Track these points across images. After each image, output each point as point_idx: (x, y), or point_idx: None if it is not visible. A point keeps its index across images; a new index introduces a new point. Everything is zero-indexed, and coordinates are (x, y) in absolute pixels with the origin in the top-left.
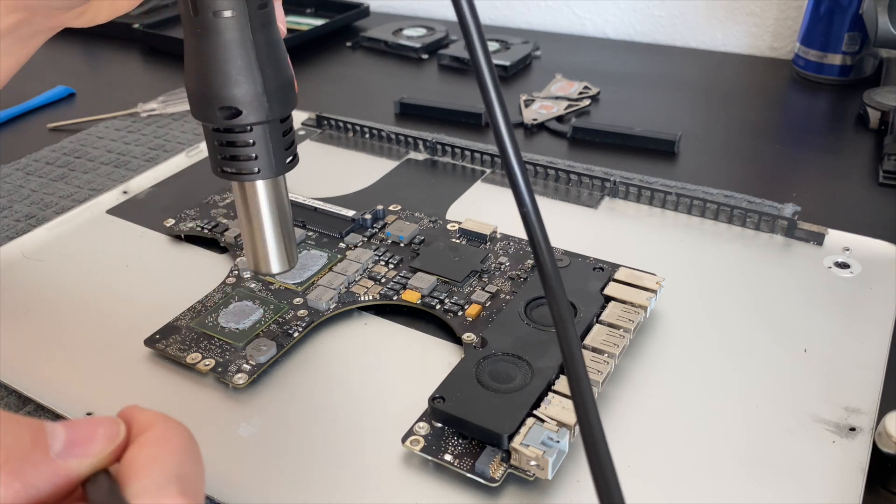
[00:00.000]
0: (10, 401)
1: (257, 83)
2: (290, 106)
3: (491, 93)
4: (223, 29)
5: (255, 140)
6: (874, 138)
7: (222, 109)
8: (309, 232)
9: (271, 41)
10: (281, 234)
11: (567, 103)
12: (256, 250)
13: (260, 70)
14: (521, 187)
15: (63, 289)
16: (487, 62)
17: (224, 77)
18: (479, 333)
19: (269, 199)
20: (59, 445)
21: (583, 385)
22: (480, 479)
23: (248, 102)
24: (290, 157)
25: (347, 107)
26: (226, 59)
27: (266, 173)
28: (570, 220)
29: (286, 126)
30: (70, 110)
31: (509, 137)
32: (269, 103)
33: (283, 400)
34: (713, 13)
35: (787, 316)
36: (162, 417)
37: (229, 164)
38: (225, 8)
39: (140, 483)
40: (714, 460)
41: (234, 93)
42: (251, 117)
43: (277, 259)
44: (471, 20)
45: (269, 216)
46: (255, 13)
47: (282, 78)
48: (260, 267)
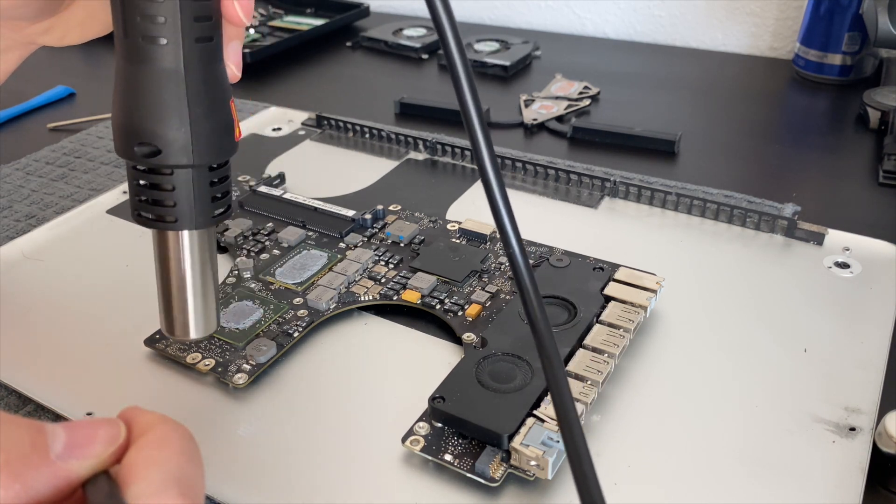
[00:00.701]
0: (10, 401)
1: (183, 122)
2: (222, 153)
3: (479, 138)
4: (152, 57)
5: (174, 185)
6: (874, 138)
7: (141, 146)
8: (309, 232)
9: (209, 79)
10: (201, 293)
11: (567, 103)
12: (172, 311)
13: (189, 108)
14: (509, 231)
15: (63, 289)
16: (476, 108)
17: (147, 110)
18: (479, 333)
19: (189, 252)
20: (60, 447)
21: (570, 416)
22: (480, 479)
23: (169, 142)
24: (220, 210)
25: (347, 107)
26: (151, 91)
27: (184, 224)
28: (570, 220)
29: (217, 175)
30: (70, 110)
31: (495, 176)
32: (195, 147)
33: (283, 400)
34: (713, 13)
35: (787, 316)
36: (162, 419)
37: (146, 208)
38: (157, 34)
39: (140, 485)
40: (714, 460)
41: (156, 129)
42: (172, 159)
43: (194, 322)
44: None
45: (188, 272)
46: (192, 46)
47: (215, 122)
48: (174, 330)
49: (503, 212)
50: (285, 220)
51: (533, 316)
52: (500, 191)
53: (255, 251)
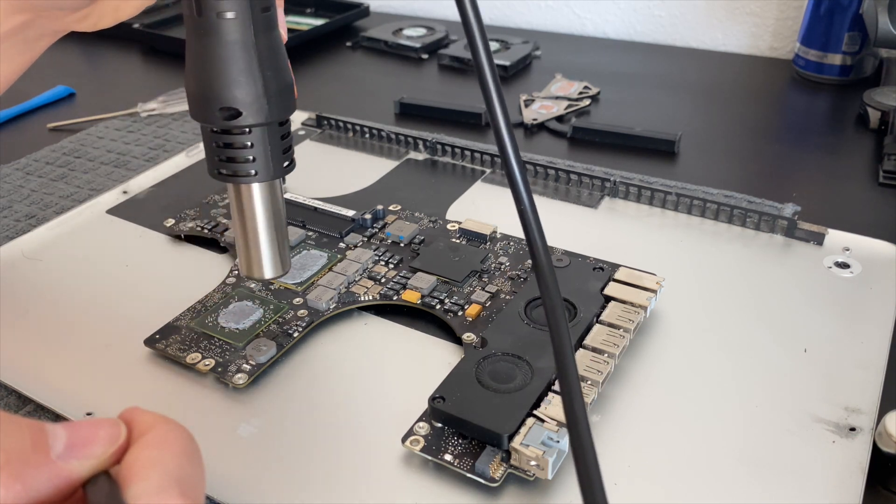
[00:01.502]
0: (10, 401)
1: (258, 85)
2: (289, 109)
3: (492, 93)
4: (226, 30)
5: (253, 142)
6: (874, 138)
7: (222, 110)
8: (309, 232)
9: (273, 45)
10: (275, 238)
11: (567, 103)
12: (250, 254)
13: (261, 72)
14: (520, 185)
15: (63, 289)
16: (489, 60)
17: (225, 78)
18: (479, 333)
19: (264, 202)
20: (60, 447)
21: (571, 379)
22: (480, 479)
23: (248, 104)
24: (288, 162)
25: (347, 107)
26: (227, 61)
27: (263, 176)
28: (570, 220)
29: (284, 130)
30: (70, 110)
31: (509, 137)
32: (269, 106)
33: (283, 400)
34: (713, 13)
35: (787, 316)
36: (163, 419)
37: (226, 166)
38: (228, 9)
39: (140, 485)
40: (714, 460)
41: (235, 94)
42: (250, 119)
43: (270, 263)
44: (472, 14)
45: (263, 220)
46: (258, 16)
47: (282, 81)
48: (252, 271)
49: (516, 169)
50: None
51: (540, 265)
52: (513, 147)
53: None
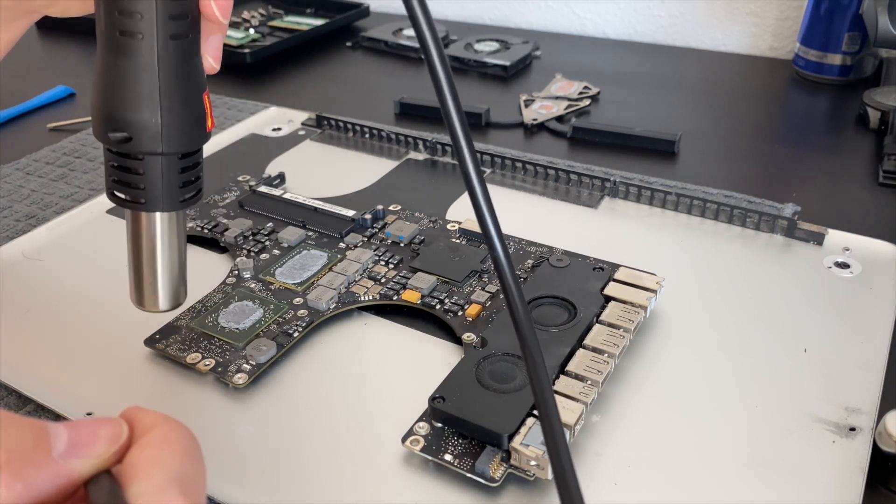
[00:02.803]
0: (10, 401)
1: (154, 113)
2: (192, 143)
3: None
4: (128, 51)
5: (144, 170)
6: (874, 138)
7: (114, 132)
8: (309, 232)
9: (182, 73)
10: (167, 269)
11: (567, 103)
12: (140, 284)
13: (160, 100)
14: (492, 234)
15: (63, 289)
16: (454, 100)
17: (121, 100)
18: (479, 333)
19: (157, 232)
20: (62, 446)
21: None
22: (480, 479)
23: (140, 131)
24: (189, 194)
25: (347, 107)
26: (126, 82)
27: (153, 206)
28: (570, 220)
29: (187, 162)
30: (70, 110)
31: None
32: (165, 136)
33: (283, 400)
34: (713, 13)
35: (787, 316)
36: (164, 419)
37: (118, 188)
38: (133, 29)
39: (141, 484)
40: (714, 460)
41: (128, 118)
42: (142, 146)
43: (162, 295)
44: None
45: (151, 249)
46: (167, 43)
47: (186, 113)
48: (143, 303)
49: (486, 215)
50: (285, 220)
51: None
52: (483, 191)
53: (255, 251)
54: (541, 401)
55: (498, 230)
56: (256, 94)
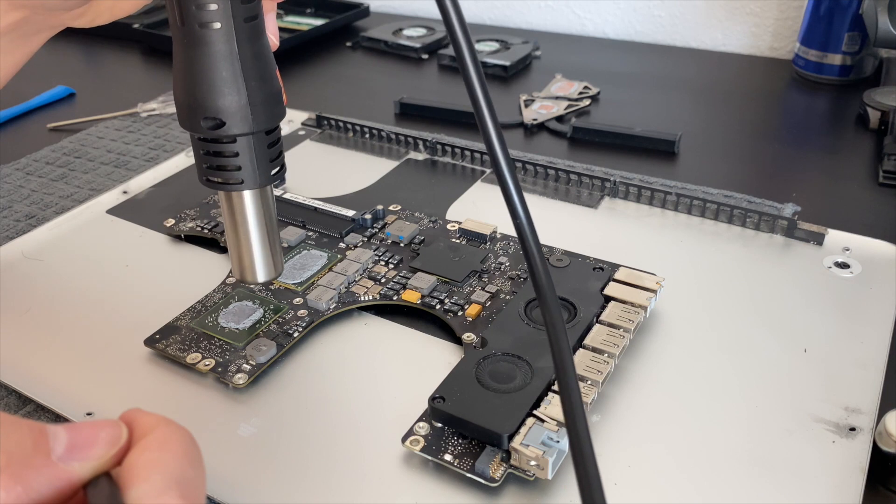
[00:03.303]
0: (10, 401)
1: (241, 95)
2: (275, 118)
3: (484, 111)
4: (209, 40)
5: (238, 151)
6: (874, 138)
7: (206, 120)
8: (309, 232)
9: (258, 53)
10: (266, 243)
11: (567, 103)
12: (242, 259)
13: (245, 82)
14: (515, 199)
15: (63, 289)
16: (476, 69)
17: (208, 88)
18: (479, 333)
19: (252, 209)
20: (61, 449)
21: (570, 381)
22: (480, 479)
23: (231, 114)
24: (276, 169)
25: (347, 107)
26: (210, 71)
27: (250, 184)
28: (570, 220)
29: (272, 138)
30: (70, 110)
31: (501, 147)
32: (253, 115)
33: (283, 400)
34: (713, 13)
35: (787, 316)
36: (164, 421)
37: (214, 174)
38: (211, 20)
39: (141, 487)
40: (714, 460)
41: (218, 104)
42: (235, 129)
43: (262, 267)
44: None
45: (253, 225)
46: (242, 26)
47: (267, 90)
48: (245, 275)
49: (510, 184)
50: (285, 220)
51: (539, 280)
52: (506, 160)
53: None
54: (559, 364)
55: (520, 195)
56: None
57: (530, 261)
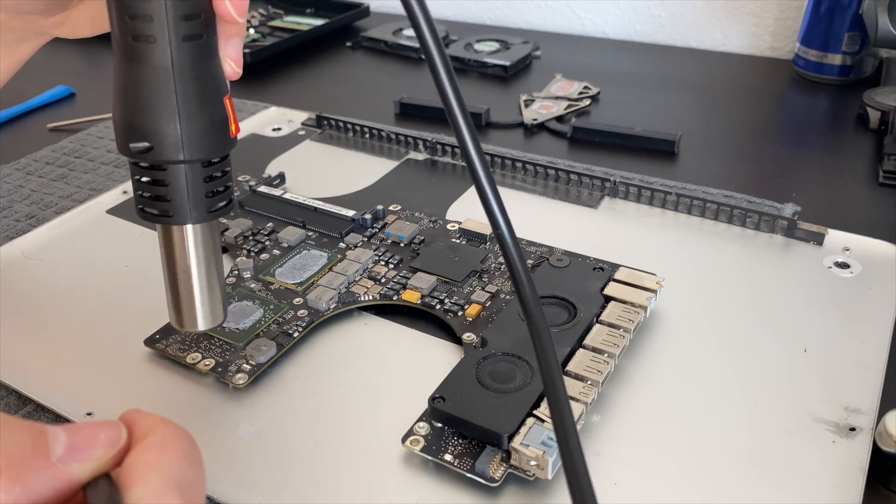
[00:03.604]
0: (10, 401)
1: (171, 119)
2: (215, 150)
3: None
4: (141, 55)
5: (168, 181)
6: (874, 138)
7: (135, 143)
8: (309, 232)
9: (200, 76)
10: (203, 285)
11: (567, 103)
12: (177, 303)
13: (177, 105)
14: (495, 210)
15: (63, 289)
16: (454, 90)
17: (138, 108)
18: (479, 333)
19: (187, 246)
20: (61, 450)
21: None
22: (480, 479)
23: (161, 139)
24: (218, 205)
25: (347, 107)
26: (141, 89)
27: (179, 218)
28: (570, 220)
29: (213, 170)
30: (70, 110)
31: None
32: (185, 143)
33: (283, 400)
34: (713, 13)
35: (787, 316)
36: (164, 422)
37: (146, 203)
38: (145, 32)
39: (140, 489)
40: (714, 460)
41: (148, 126)
42: (164, 155)
43: (200, 315)
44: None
45: (188, 265)
46: (181, 45)
47: (208, 117)
48: (181, 323)
49: (489, 194)
50: (285, 220)
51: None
52: (490, 184)
53: (255, 251)
54: (547, 377)
55: (502, 209)
56: (256, 94)
57: (513, 272)
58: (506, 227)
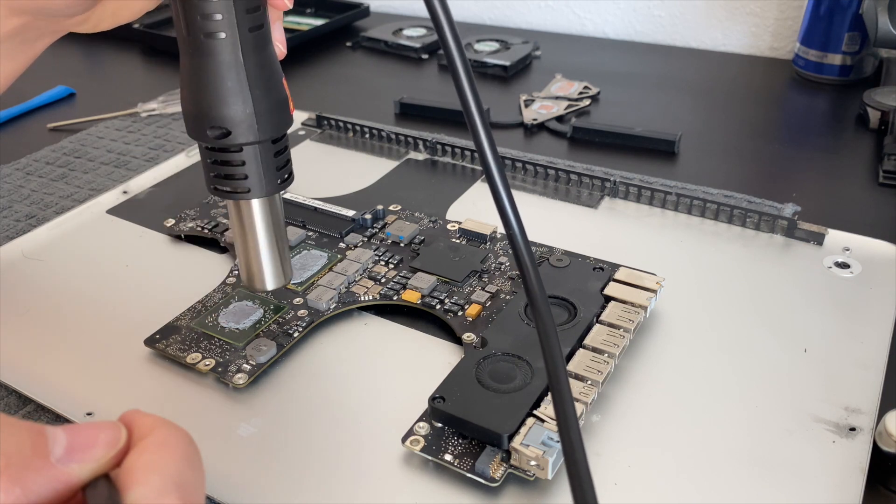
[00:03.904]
0: (10, 401)
1: (247, 105)
2: (281, 127)
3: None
4: (214, 50)
5: (245, 160)
6: (874, 138)
7: (212, 129)
8: (309, 232)
9: (264, 63)
10: (274, 250)
11: (567, 103)
12: (250, 267)
13: (250, 91)
14: (508, 210)
15: (63, 289)
16: (471, 86)
17: (214, 98)
18: (479, 333)
19: (260, 217)
20: (60, 450)
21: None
22: (480, 479)
23: (237, 123)
24: (284, 177)
25: (347, 107)
26: (216, 81)
27: (256, 192)
28: (570, 220)
29: (279, 146)
30: (70, 110)
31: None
32: (259, 124)
33: (283, 400)
34: (713, 13)
35: (787, 316)
36: (163, 422)
37: (221, 183)
38: (216, 30)
39: (139, 490)
40: (714, 460)
41: (224, 114)
42: (240, 138)
43: (271, 275)
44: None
45: (261, 233)
46: (247, 35)
47: (273, 99)
48: (254, 283)
49: (503, 194)
50: (285, 220)
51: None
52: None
53: None
54: (553, 374)
55: (513, 207)
56: None
57: (523, 271)
58: (518, 230)
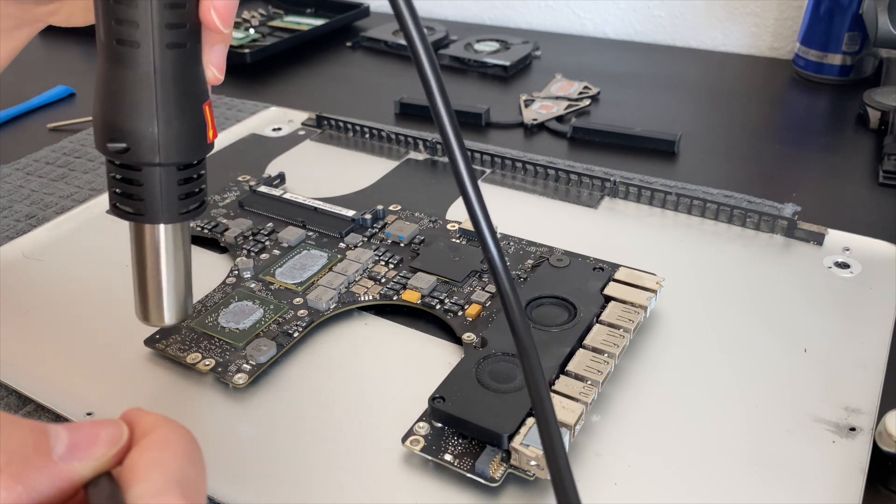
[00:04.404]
0: (10, 401)
1: (151, 123)
2: (190, 154)
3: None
4: (125, 60)
5: (143, 181)
6: (874, 138)
7: (112, 142)
8: (309, 232)
9: (181, 83)
10: (170, 282)
11: (567, 103)
12: (144, 298)
13: (158, 110)
14: (487, 239)
15: (63, 289)
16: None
17: (118, 110)
18: (479, 333)
19: (157, 244)
20: (62, 448)
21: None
22: (480, 479)
23: (138, 141)
24: (190, 207)
25: (347, 107)
26: (122, 92)
27: (152, 218)
28: (570, 220)
29: (187, 173)
30: (70, 110)
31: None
32: (162, 147)
33: (283, 400)
34: (713, 13)
35: (787, 316)
36: (164, 421)
37: (119, 200)
38: (129, 37)
39: (141, 487)
40: (714, 460)
41: (126, 128)
42: (140, 157)
43: (166, 310)
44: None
45: (158, 262)
46: (165, 52)
47: (186, 123)
48: (147, 317)
49: (482, 224)
50: (285, 220)
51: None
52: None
53: (255, 251)
54: (536, 398)
55: (491, 230)
56: (256, 94)
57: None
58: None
